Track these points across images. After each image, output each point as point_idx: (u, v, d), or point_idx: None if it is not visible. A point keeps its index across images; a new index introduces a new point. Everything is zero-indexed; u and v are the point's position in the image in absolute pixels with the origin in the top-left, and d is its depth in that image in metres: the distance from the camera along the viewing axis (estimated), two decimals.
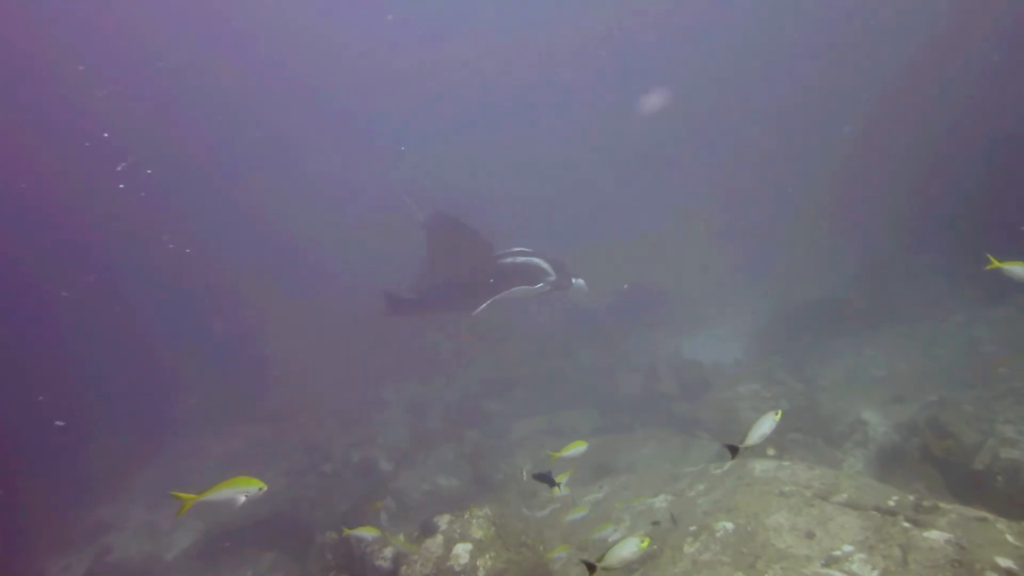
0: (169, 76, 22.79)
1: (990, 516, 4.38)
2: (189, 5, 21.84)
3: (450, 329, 15.08)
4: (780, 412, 4.04)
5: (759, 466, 5.95)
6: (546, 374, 13.36)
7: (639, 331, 15.36)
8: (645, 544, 3.92)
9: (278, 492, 9.20)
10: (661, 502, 6.29)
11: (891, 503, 4.81)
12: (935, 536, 4.30)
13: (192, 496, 3.77)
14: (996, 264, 4.90)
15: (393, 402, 13.63)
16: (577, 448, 5.46)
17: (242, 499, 3.90)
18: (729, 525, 5.09)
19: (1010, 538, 4.19)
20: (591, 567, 3.86)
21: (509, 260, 8.28)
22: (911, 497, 4.82)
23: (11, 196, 18.79)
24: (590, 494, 7.50)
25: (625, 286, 16.69)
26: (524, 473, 6.06)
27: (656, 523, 5.89)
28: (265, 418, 12.77)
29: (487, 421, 11.74)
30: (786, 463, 5.88)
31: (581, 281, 8.72)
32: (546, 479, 5.29)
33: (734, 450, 4.00)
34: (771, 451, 7.42)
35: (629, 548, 3.89)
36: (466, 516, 5.77)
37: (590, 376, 13.26)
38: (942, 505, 4.59)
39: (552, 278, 8.16)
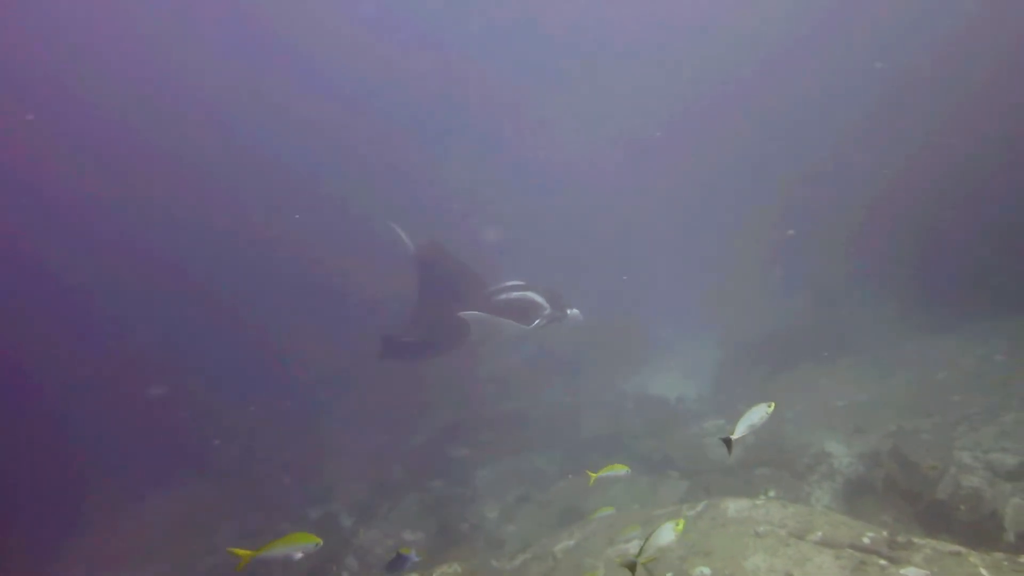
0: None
1: (963, 549, 4.39)
2: None
3: (412, 374, 14.83)
4: (774, 404, 4.13)
5: (733, 506, 5.88)
6: (510, 416, 13.18)
7: (602, 368, 15.35)
8: (680, 527, 3.95)
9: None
10: (634, 548, 6.14)
11: (866, 540, 4.79)
12: (912, 573, 4.28)
13: (249, 552, 3.79)
14: None
15: (353, 452, 13.20)
16: (617, 471, 5.33)
17: (299, 555, 4.01)
18: (707, 570, 4.99)
19: (984, 572, 4.20)
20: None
21: (503, 296, 8.16)
22: (885, 533, 4.81)
23: None
24: (560, 542, 7.30)
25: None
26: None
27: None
28: (212, 474, 12.15)
29: (451, 468, 11.44)
30: (759, 501, 5.83)
31: (576, 311, 8.66)
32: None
33: (728, 443, 4.08)
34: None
35: (666, 536, 3.92)
36: (435, 575, 5.53)
37: (554, 416, 13.13)
38: (916, 540, 4.60)
39: (548, 312, 8.07)
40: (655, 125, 24.62)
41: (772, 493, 7.75)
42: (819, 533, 5.05)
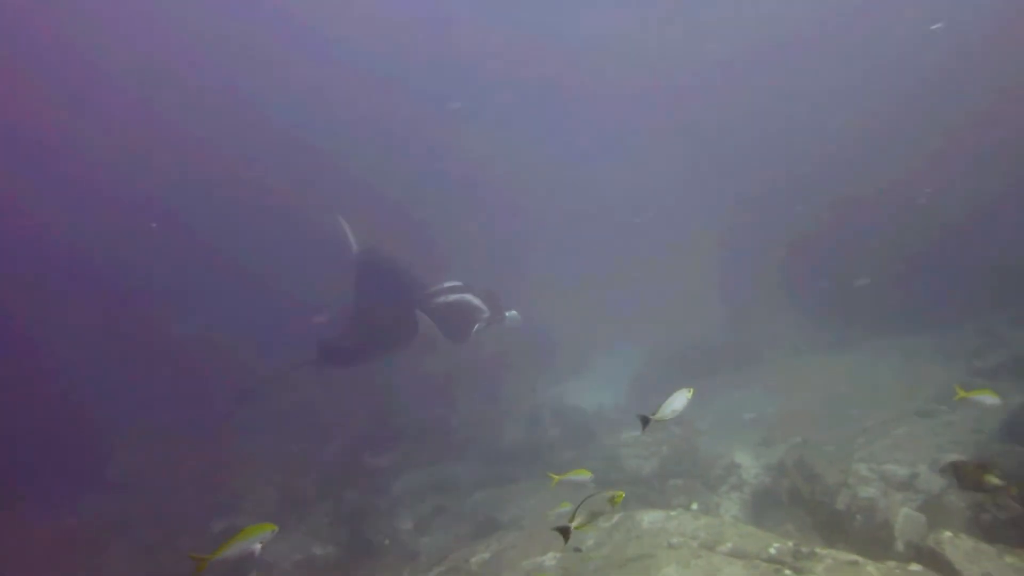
0: None
1: (860, 559, 4.60)
2: None
3: (325, 380, 14.38)
4: (693, 390, 4.23)
5: (647, 517, 5.96)
6: (428, 425, 12.96)
7: (521, 377, 15.36)
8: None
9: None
10: (550, 560, 6.12)
11: (772, 551, 4.94)
12: None
13: (206, 556, 3.70)
14: (963, 394, 5.21)
15: (261, 461, 12.64)
16: (581, 476, 5.19)
17: (258, 547, 3.86)
18: None
19: None
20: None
21: (442, 299, 7.97)
22: (790, 543, 4.98)
23: None
24: (476, 555, 7.20)
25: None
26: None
27: None
28: (108, 487, 11.32)
29: (367, 478, 11.12)
30: (673, 513, 5.94)
31: (515, 313, 8.56)
32: None
33: (645, 421, 4.14)
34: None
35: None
36: None
37: (473, 425, 13.02)
38: (818, 551, 4.78)
39: (487, 315, 7.95)
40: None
41: (695, 506, 7.90)
42: (729, 544, 5.17)
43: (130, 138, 21.49)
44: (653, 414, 4.13)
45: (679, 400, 4.07)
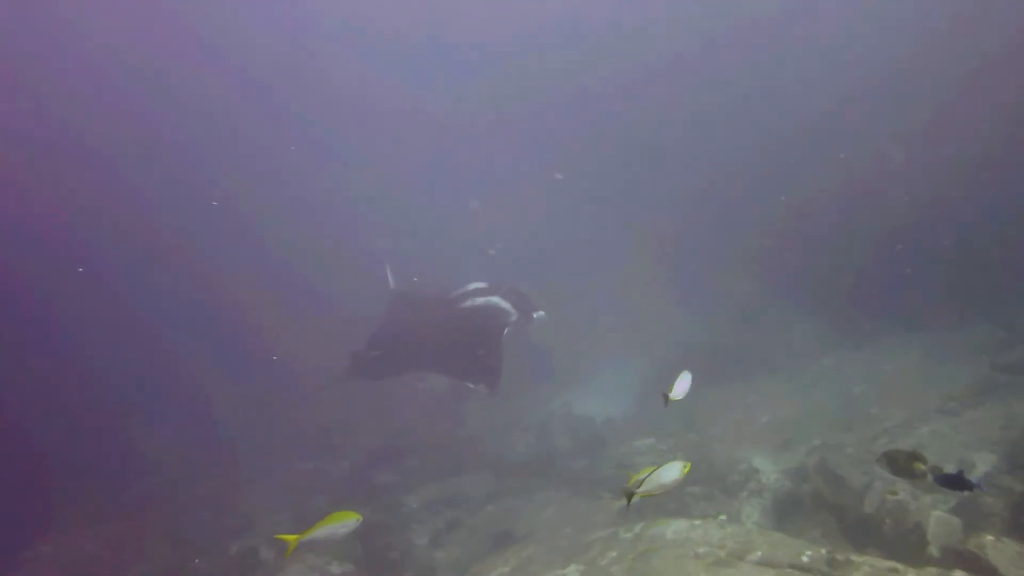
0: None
1: (899, 566, 4.42)
2: None
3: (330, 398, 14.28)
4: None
5: (671, 528, 5.79)
6: (435, 440, 12.78)
7: (527, 388, 15.17)
8: (687, 469, 3.92)
9: None
10: (573, 573, 5.95)
11: (804, 559, 4.77)
12: None
13: (295, 536, 4.05)
14: None
15: (271, 481, 12.48)
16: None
17: (343, 532, 4.26)
18: None
19: None
20: (630, 495, 3.89)
21: (468, 303, 7.88)
22: (823, 551, 4.81)
23: None
24: (495, 569, 7.02)
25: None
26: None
27: None
28: (121, 513, 11.15)
29: (377, 495, 10.94)
30: (697, 523, 5.76)
31: (542, 313, 8.43)
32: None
33: (666, 398, 4.43)
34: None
35: (671, 474, 3.89)
36: None
37: (481, 438, 12.85)
38: (854, 558, 4.60)
39: (514, 317, 7.84)
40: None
41: (723, 517, 7.68)
42: (758, 553, 5.00)
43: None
44: (669, 391, 4.48)
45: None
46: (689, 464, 3.94)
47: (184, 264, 20.99)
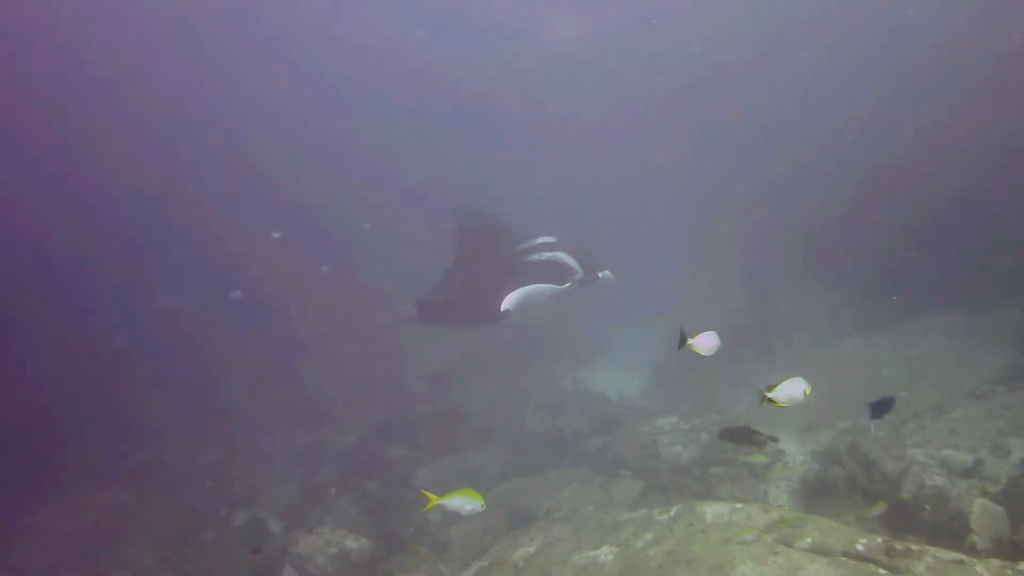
0: None
1: (965, 558, 4.22)
2: None
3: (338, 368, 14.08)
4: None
5: (711, 510, 5.58)
6: (447, 414, 12.57)
7: (540, 364, 14.97)
8: (809, 391, 4.16)
9: (148, 569, 7.78)
10: (606, 555, 5.75)
11: (859, 547, 4.57)
12: None
13: (436, 497, 4.94)
14: None
15: (276, 453, 12.29)
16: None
17: (467, 509, 4.97)
18: None
19: None
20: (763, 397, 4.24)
21: (534, 256, 7.69)
22: (879, 539, 4.60)
23: None
24: (519, 548, 6.83)
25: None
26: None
27: None
28: (122, 482, 10.93)
29: (388, 469, 10.75)
30: (739, 506, 5.56)
31: (608, 273, 8.28)
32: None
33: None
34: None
35: (799, 387, 4.18)
36: None
37: (493, 414, 12.65)
38: (913, 547, 4.40)
39: (579, 275, 7.67)
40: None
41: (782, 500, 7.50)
42: (809, 539, 4.80)
43: None
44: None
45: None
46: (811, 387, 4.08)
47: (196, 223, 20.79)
